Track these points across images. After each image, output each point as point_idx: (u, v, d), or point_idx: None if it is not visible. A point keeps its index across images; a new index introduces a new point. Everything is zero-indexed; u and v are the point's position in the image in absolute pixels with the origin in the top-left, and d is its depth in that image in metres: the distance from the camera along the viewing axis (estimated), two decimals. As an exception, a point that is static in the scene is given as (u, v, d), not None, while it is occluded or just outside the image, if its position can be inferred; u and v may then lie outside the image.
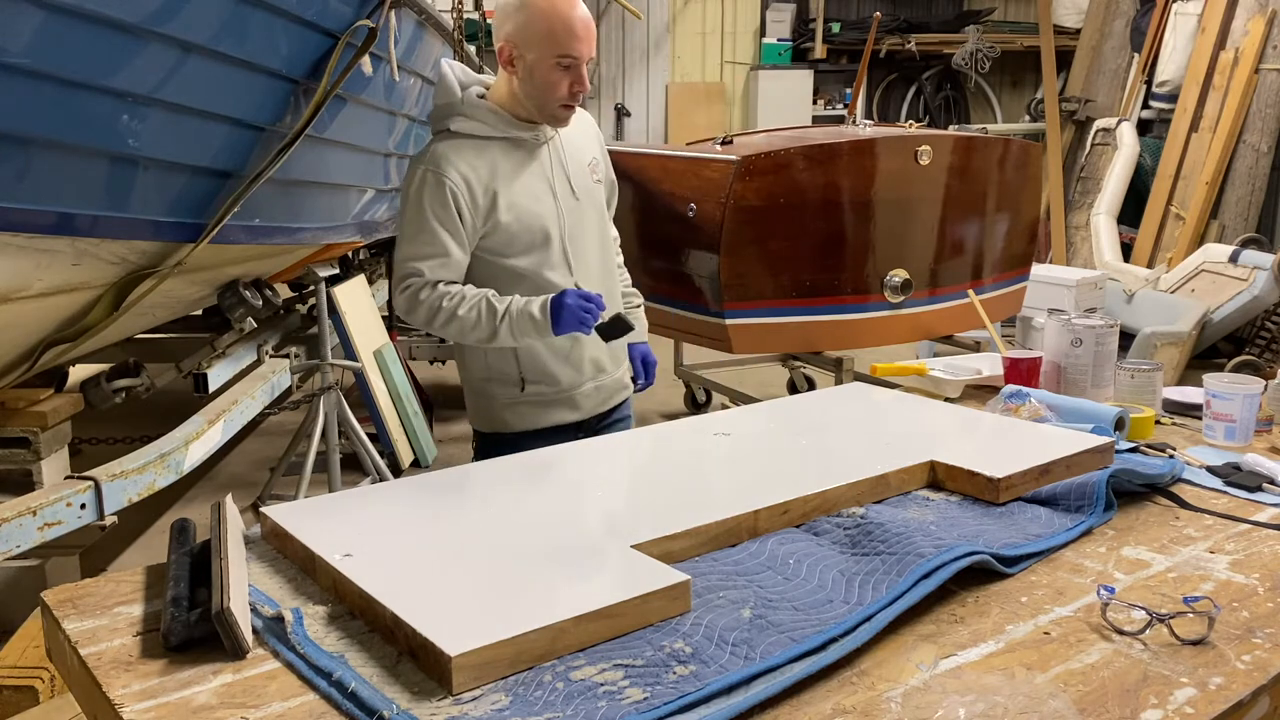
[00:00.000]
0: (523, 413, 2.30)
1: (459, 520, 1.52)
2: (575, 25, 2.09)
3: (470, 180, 2.13)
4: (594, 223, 2.34)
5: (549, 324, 2.07)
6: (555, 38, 2.08)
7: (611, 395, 2.41)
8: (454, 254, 2.15)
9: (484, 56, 4.89)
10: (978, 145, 4.54)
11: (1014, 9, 11.33)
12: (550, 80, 2.11)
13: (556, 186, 2.24)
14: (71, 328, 2.79)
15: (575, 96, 2.15)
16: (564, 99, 2.14)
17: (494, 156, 2.17)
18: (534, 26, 2.09)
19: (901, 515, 1.57)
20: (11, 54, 2.05)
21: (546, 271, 2.22)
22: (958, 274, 4.44)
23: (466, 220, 2.14)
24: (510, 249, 2.20)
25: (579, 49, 2.10)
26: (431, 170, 2.13)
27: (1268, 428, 2.15)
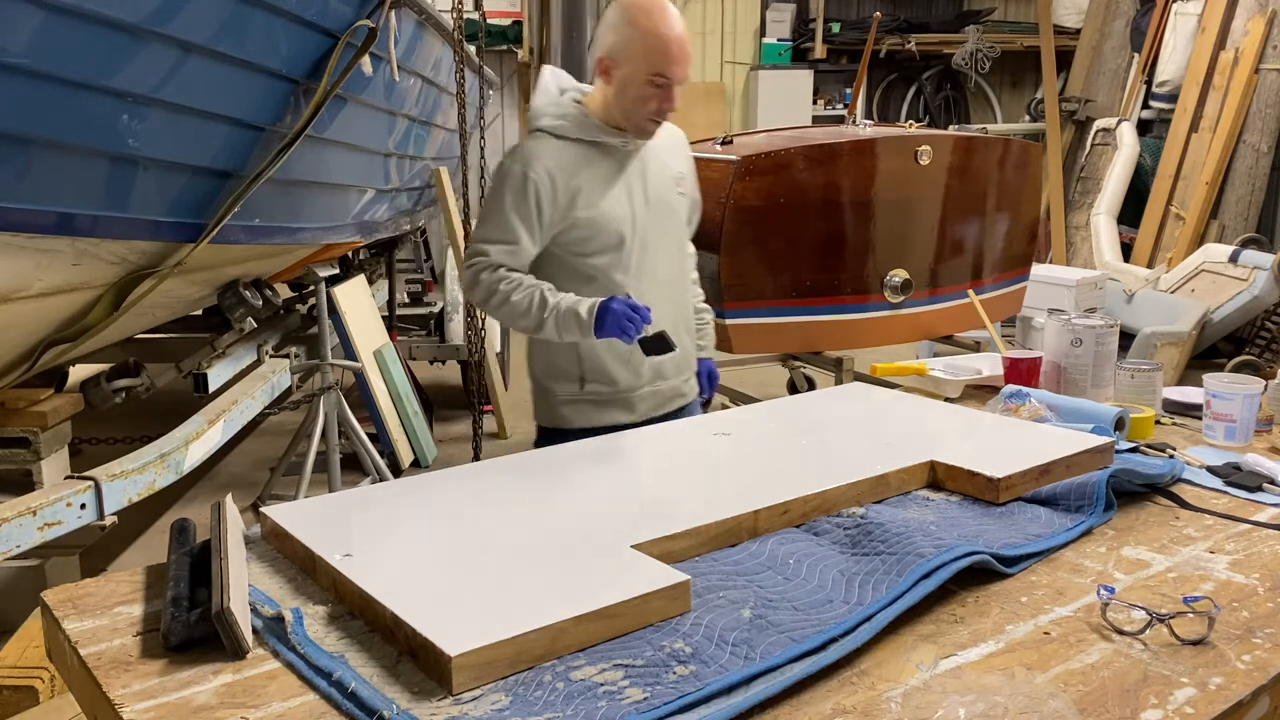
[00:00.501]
0: (580, 410, 2.36)
1: (459, 520, 1.52)
2: (672, 48, 2.17)
3: (555, 177, 2.22)
4: (671, 234, 2.40)
5: (592, 326, 2.13)
6: (651, 57, 2.17)
7: (668, 401, 2.44)
8: (523, 244, 2.23)
9: (484, 56, 4.89)
10: (978, 145, 4.54)
11: (1014, 9, 11.33)
12: (641, 95, 2.20)
13: (636, 194, 2.31)
14: (71, 328, 2.79)
15: (663, 113, 2.24)
16: (651, 114, 2.23)
17: (580, 158, 2.26)
18: (633, 44, 2.18)
19: (901, 515, 1.57)
20: (11, 54, 2.05)
21: (615, 274, 2.29)
22: (958, 274, 4.44)
23: (545, 214, 2.22)
24: (584, 248, 2.27)
25: (673, 71, 2.19)
26: (519, 163, 2.23)
27: (1268, 428, 2.15)
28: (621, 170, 2.29)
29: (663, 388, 2.42)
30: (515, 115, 10.07)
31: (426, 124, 4.68)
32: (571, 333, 2.17)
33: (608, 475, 1.77)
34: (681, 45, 2.19)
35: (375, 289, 5.69)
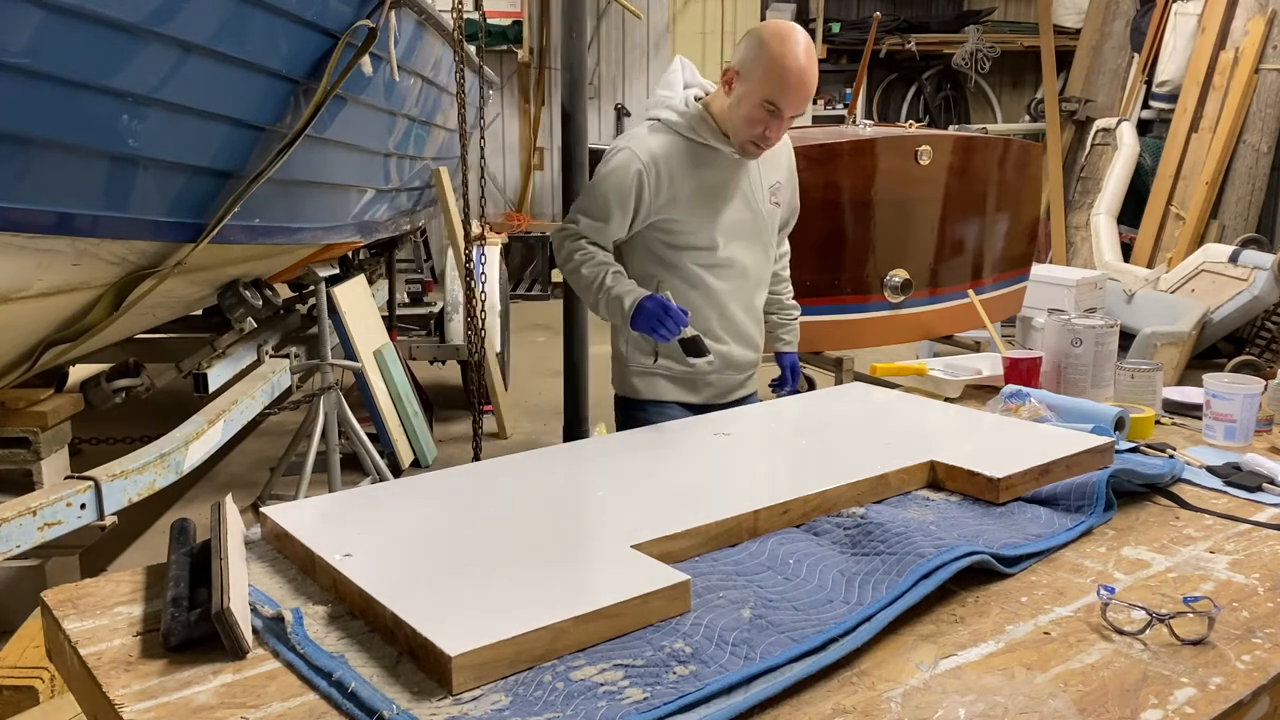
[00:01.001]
0: (651, 382, 2.50)
1: (459, 520, 1.52)
2: (791, 80, 2.20)
3: (661, 173, 2.31)
4: (759, 239, 2.49)
5: (629, 319, 2.24)
6: (769, 82, 2.21)
7: (732, 390, 2.57)
8: (611, 226, 2.34)
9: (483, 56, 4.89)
10: (978, 145, 4.54)
11: (1014, 9, 11.33)
12: (752, 116, 2.25)
13: (735, 202, 2.40)
14: (71, 328, 2.79)
15: (767, 140, 2.29)
16: (756, 137, 2.28)
17: (690, 158, 2.34)
18: (759, 65, 2.21)
19: (901, 515, 1.57)
20: (11, 54, 2.05)
21: (699, 269, 2.40)
22: (958, 274, 4.43)
23: (643, 207, 2.33)
24: (675, 241, 2.38)
25: (786, 102, 2.22)
26: (631, 150, 2.33)
27: (1268, 428, 2.15)
28: (726, 177, 2.38)
29: (729, 378, 2.54)
30: (515, 115, 10.07)
31: (426, 124, 4.68)
32: (614, 317, 2.30)
33: (608, 475, 1.76)
34: (802, 79, 2.22)
35: (375, 289, 5.68)
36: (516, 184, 10.20)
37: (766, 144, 2.31)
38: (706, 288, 2.42)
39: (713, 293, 2.43)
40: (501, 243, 6.35)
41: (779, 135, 2.30)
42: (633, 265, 2.43)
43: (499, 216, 9.53)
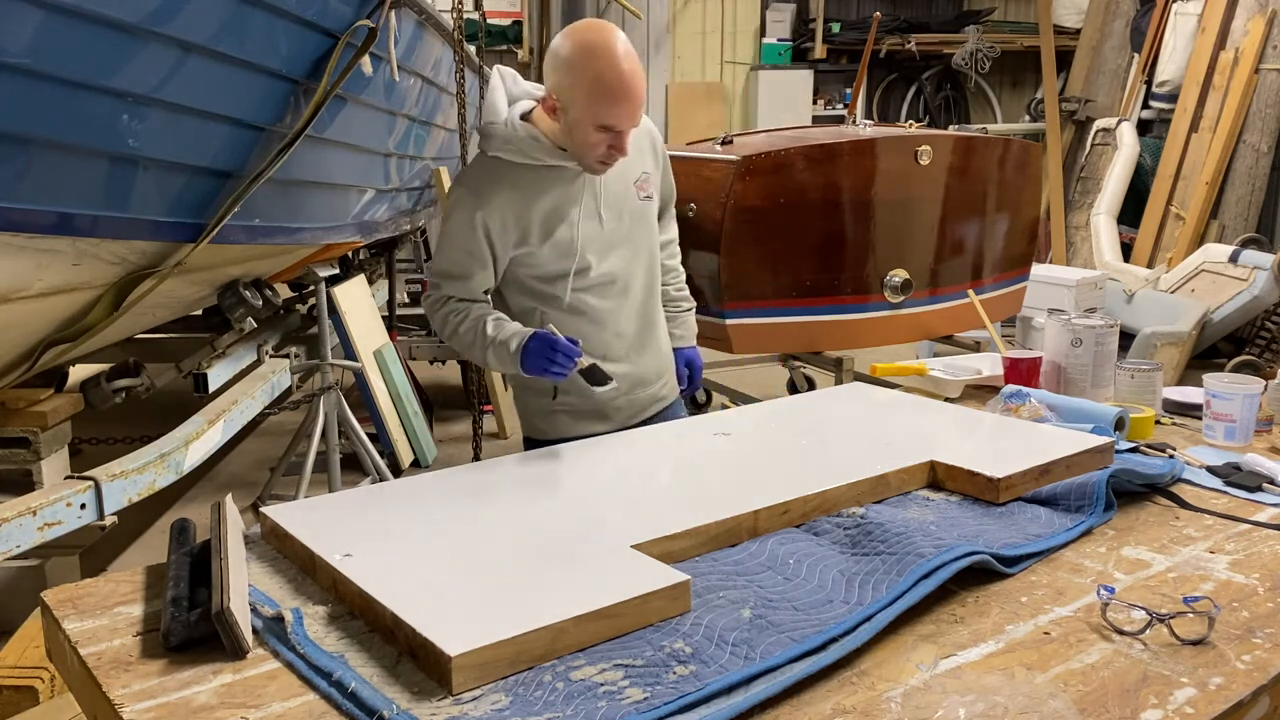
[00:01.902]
0: (555, 421, 2.31)
1: (458, 520, 1.52)
2: (617, 96, 2.02)
3: (504, 209, 2.12)
4: (638, 241, 2.29)
5: (519, 362, 2.06)
6: (595, 106, 2.02)
7: (645, 408, 2.38)
8: (475, 277, 2.16)
9: (484, 56, 4.89)
10: (978, 145, 4.54)
11: (1014, 9, 11.33)
12: (589, 141, 2.07)
13: (592, 214, 2.20)
14: (71, 328, 2.79)
15: (613, 156, 2.10)
16: (602, 158, 2.10)
17: (532, 184, 2.15)
18: (579, 89, 2.02)
19: (901, 515, 1.57)
20: (11, 54, 2.05)
21: (578, 294, 2.21)
22: (958, 274, 4.43)
23: (497, 251, 2.15)
24: (543, 272, 2.19)
25: (621, 120, 2.04)
26: (469, 194, 2.14)
27: (1268, 428, 2.15)
28: (576, 191, 2.18)
29: (640, 396, 2.36)
30: (515, 115, 10.06)
31: (426, 124, 4.68)
32: (507, 366, 2.10)
33: (608, 475, 1.77)
34: (628, 91, 2.02)
35: (375, 289, 5.68)
36: (516, 184, 10.19)
37: (614, 159, 2.12)
38: (591, 310, 2.22)
39: (599, 313, 2.23)
40: (501, 243, 6.34)
41: (624, 149, 2.10)
42: (510, 304, 2.24)
43: (499, 216, 9.52)
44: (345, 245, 4.58)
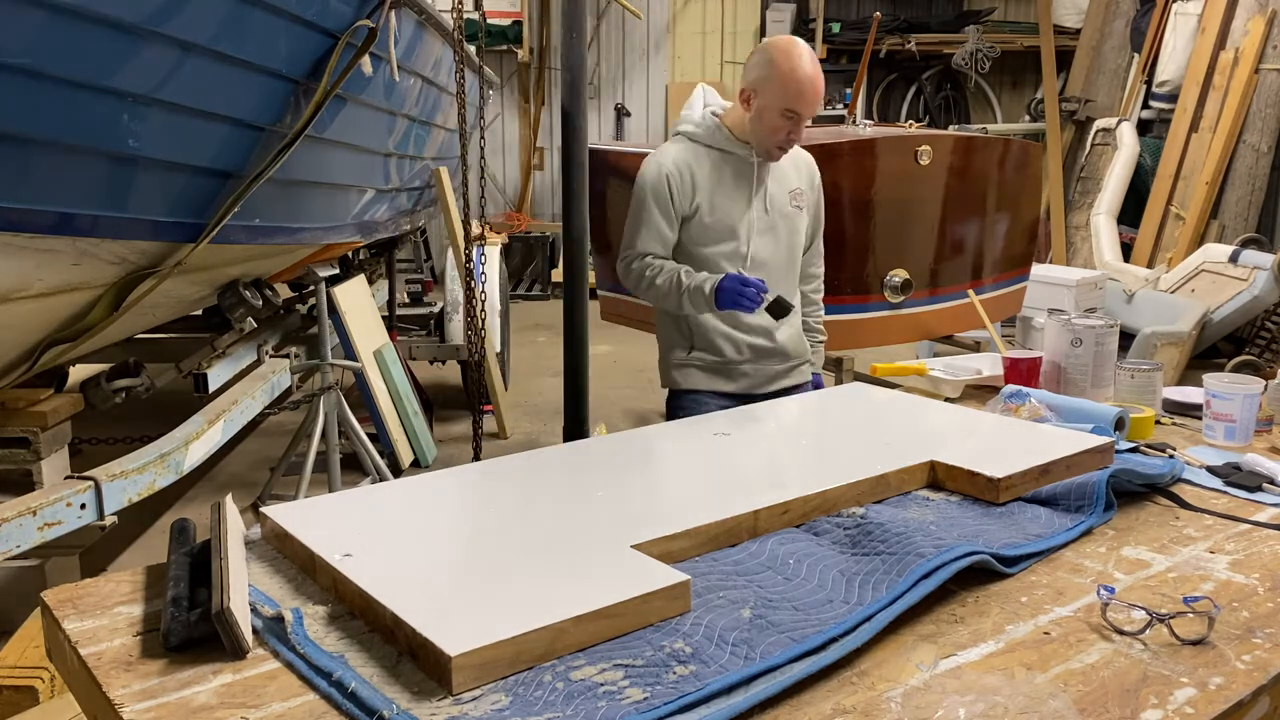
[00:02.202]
0: (688, 374, 2.69)
1: (459, 520, 1.52)
2: (805, 88, 2.47)
3: (684, 173, 2.57)
4: (782, 240, 2.68)
5: (713, 302, 2.47)
6: (787, 94, 2.47)
7: (769, 381, 2.71)
8: (664, 231, 2.58)
9: (483, 56, 4.88)
10: (978, 145, 4.54)
11: (1014, 9, 11.32)
12: (774, 125, 2.51)
13: (753, 199, 2.61)
14: (71, 328, 2.79)
15: (790, 143, 2.57)
16: (780, 142, 2.55)
17: (708, 160, 2.60)
18: (773, 81, 2.48)
19: (901, 515, 1.57)
20: (11, 54, 2.05)
21: (725, 265, 2.58)
22: (958, 274, 4.43)
23: (676, 201, 2.57)
24: (703, 236, 2.59)
25: (803, 108, 2.48)
26: (656, 160, 2.60)
27: (1268, 428, 2.15)
28: (742, 178, 2.60)
29: (765, 368, 2.70)
30: (515, 115, 10.07)
31: (426, 124, 4.68)
32: (700, 308, 2.53)
33: (608, 475, 1.76)
34: (814, 85, 2.48)
35: (375, 289, 5.68)
36: (516, 184, 10.20)
37: (790, 145, 2.57)
38: None
39: None
40: (501, 243, 6.35)
41: (800, 135, 2.55)
42: None
43: (499, 216, 9.54)
44: (345, 245, 4.58)
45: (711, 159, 2.60)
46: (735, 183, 2.60)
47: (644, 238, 2.58)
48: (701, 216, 2.58)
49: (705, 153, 2.60)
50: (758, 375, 2.70)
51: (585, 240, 3.68)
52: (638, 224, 2.59)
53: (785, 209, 2.68)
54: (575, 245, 3.65)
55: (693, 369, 2.69)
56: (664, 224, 2.57)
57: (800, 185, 2.73)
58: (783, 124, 2.50)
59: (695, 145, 2.62)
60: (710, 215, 2.58)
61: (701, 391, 2.66)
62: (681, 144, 2.64)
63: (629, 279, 2.62)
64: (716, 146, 2.60)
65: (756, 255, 2.61)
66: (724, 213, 2.59)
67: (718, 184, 2.59)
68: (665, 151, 2.62)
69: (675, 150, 2.62)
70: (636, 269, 2.59)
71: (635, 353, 6.88)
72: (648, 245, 2.58)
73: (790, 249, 2.71)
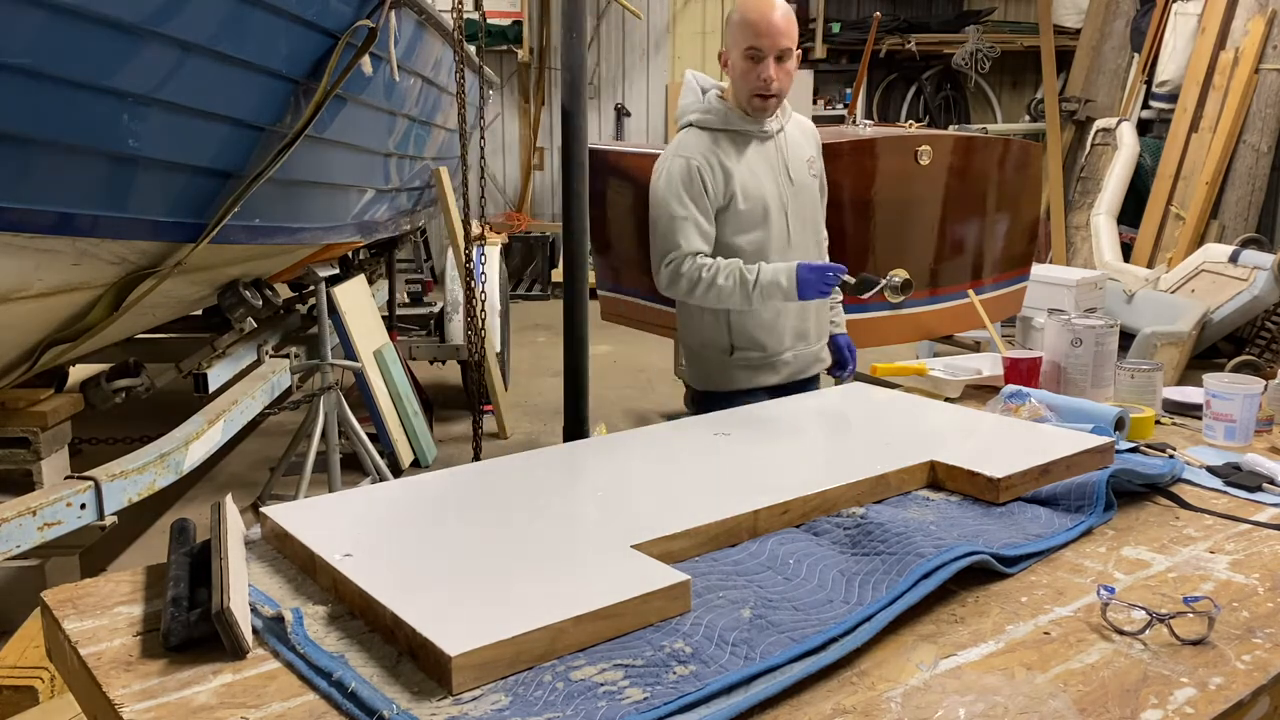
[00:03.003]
0: (731, 375, 2.64)
1: (458, 520, 1.52)
2: (759, 23, 2.42)
3: (712, 162, 2.49)
4: (808, 211, 2.66)
5: (794, 291, 2.39)
6: (743, 34, 2.43)
7: (808, 366, 2.70)
8: (704, 226, 2.48)
9: (483, 56, 4.88)
10: (978, 145, 4.54)
11: (1014, 9, 11.33)
12: (743, 71, 2.45)
13: (780, 173, 2.57)
14: (71, 328, 2.79)
15: (763, 84, 2.45)
16: (755, 88, 2.46)
17: (727, 144, 2.53)
18: (733, 28, 2.47)
19: (901, 515, 1.57)
20: (11, 54, 2.05)
21: (759, 250, 2.52)
22: (958, 274, 4.43)
23: (710, 192, 2.49)
24: (738, 225, 2.51)
25: (761, 42, 2.42)
26: (679, 155, 2.50)
27: (1268, 428, 2.15)
28: (764, 153, 2.56)
29: (804, 352, 2.67)
30: (515, 115, 10.07)
31: (426, 124, 4.68)
32: (775, 299, 2.45)
33: (608, 475, 1.76)
34: (768, 20, 2.41)
35: (375, 289, 5.68)
36: (516, 184, 10.20)
37: (767, 90, 2.46)
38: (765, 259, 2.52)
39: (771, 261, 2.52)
40: (501, 243, 6.36)
41: (772, 77, 2.44)
42: None
43: (499, 216, 9.54)
44: (345, 245, 4.58)
45: (732, 141, 2.52)
46: (758, 161, 2.54)
47: (687, 236, 2.46)
48: (737, 203, 2.50)
49: (723, 136, 2.52)
50: (798, 362, 2.67)
51: (585, 240, 3.67)
52: (675, 224, 2.46)
53: (805, 178, 2.63)
54: (575, 245, 3.65)
55: (736, 369, 2.63)
56: (703, 219, 2.47)
57: (812, 154, 2.69)
58: (749, 66, 2.43)
59: (710, 132, 2.53)
60: (745, 200, 2.50)
61: (744, 390, 2.59)
62: (696, 134, 2.54)
63: (679, 284, 2.48)
64: (730, 128, 2.52)
65: (789, 235, 2.56)
66: (757, 195, 2.52)
67: (744, 166, 2.52)
68: (684, 145, 2.52)
69: (694, 141, 2.52)
70: (689, 271, 2.45)
71: (635, 353, 6.88)
72: (693, 244, 2.46)
73: (814, 220, 2.68)
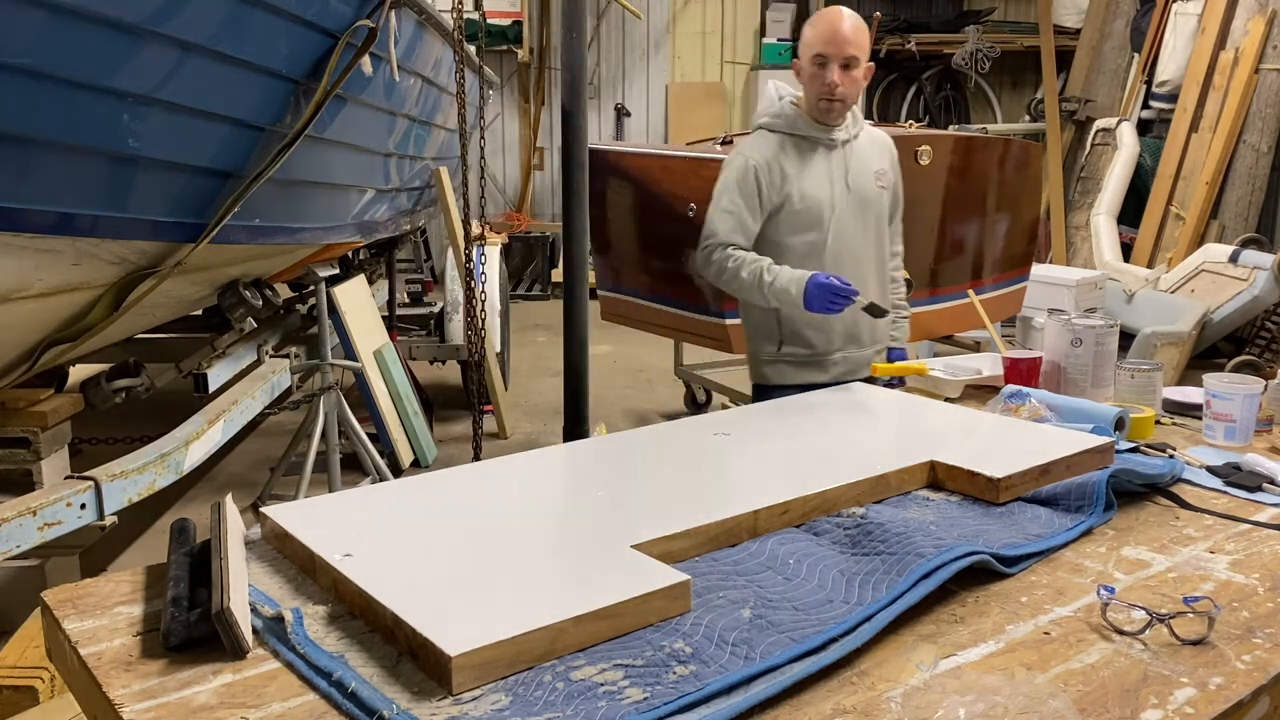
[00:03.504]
0: (780, 369, 2.72)
1: (459, 520, 1.52)
2: (826, 31, 2.55)
3: (771, 165, 2.61)
4: (869, 221, 2.72)
5: (801, 302, 2.47)
6: (812, 42, 2.56)
7: (858, 368, 2.72)
8: (748, 223, 2.61)
9: (483, 56, 4.88)
10: (978, 145, 4.55)
11: (1014, 9, 11.32)
12: (811, 77, 2.58)
13: (837, 181, 2.65)
14: (71, 328, 2.79)
15: (829, 90, 2.56)
16: (821, 93, 2.58)
17: (790, 148, 2.65)
18: (804, 38, 2.61)
19: (901, 515, 1.57)
20: (11, 54, 2.05)
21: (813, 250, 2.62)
22: (958, 274, 4.44)
23: (763, 193, 2.61)
24: (792, 225, 2.62)
25: (828, 49, 2.54)
26: (742, 154, 2.66)
27: (1268, 428, 2.15)
28: (827, 160, 2.65)
29: (855, 355, 2.72)
30: (515, 115, 10.07)
31: (426, 124, 4.68)
32: (787, 305, 2.55)
33: (607, 475, 1.76)
34: (836, 29, 2.53)
35: (375, 289, 5.68)
36: (516, 184, 10.20)
37: (834, 96, 2.57)
38: (819, 259, 2.62)
39: (826, 262, 2.62)
40: (501, 243, 6.36)
41: (836, 83, 2.54)
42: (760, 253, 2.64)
43: (499, 216, 9.54)
44: (345, 245, 4.58)
45: (796, 146, 2.64)
46: (817, 167, 2.64)
47: (728, 227, 2.60)
48: (792, 204, 2.61)
49: (788, 141, 2.65)
50: (848, 364, 2.71)
51: (585, 240, 3.68)
52: (722, 214, 2.62)
53: (870, 190, 2.71)
54: (575, 245, 3.65)
55: (784, 365, 2.72)
56: (748, 216, 2.60)
57: (883, 165, 2.77)
58: (817, 72, 2.55)
59: (777, 135, 2.66)
60: (801, 202, 2.61)
61: (793, 386, 2.63)
62: (763, 136, 2.68)
63: (709, 268, 2.64)
64: (797, 133, 2.65)
65: (844, 237, 2.65)
66: (813, 199, 2.62)
67: (804, 170, 2.63)
68: (750, 145, 2.67)
69: (759, 143, 2.66)
70: (719, 259, 2.60)
71: (635, 353, 6.88)
72: (731, 235, 2.59)
73: (877, 231, 2.74)
